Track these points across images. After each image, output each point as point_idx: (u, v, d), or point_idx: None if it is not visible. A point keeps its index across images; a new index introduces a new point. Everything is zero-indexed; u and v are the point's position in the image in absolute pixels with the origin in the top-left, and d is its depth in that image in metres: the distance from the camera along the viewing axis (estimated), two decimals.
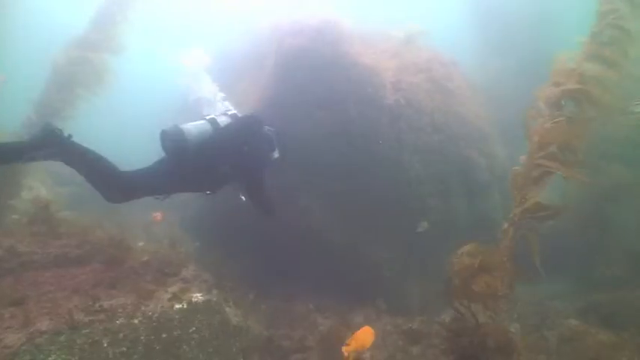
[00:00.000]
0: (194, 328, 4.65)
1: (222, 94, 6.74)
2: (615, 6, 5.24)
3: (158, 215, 9.47)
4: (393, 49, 8.89)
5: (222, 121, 5.57)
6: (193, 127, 5.25)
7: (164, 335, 4.40)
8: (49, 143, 4.49)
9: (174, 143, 5.03)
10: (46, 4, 26.21)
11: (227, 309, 5.29)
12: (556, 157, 4.62)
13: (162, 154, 5.29)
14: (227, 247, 8.27)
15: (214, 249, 8.66)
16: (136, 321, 4.31)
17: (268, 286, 7.70)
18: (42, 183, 11.29)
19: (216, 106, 6.42)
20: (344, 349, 4.79)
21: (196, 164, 5.10)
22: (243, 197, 5.86)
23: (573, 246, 8.78)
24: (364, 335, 5.06)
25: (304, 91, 7.58)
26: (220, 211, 8.14)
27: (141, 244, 8.68)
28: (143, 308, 4.47)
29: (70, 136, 4.64)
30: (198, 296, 4.91)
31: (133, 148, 13.35)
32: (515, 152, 5.31)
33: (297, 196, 7.66)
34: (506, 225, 4.79)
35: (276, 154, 6.13)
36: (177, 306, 4.66)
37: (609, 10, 5.23)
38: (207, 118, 5.48)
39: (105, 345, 3.88)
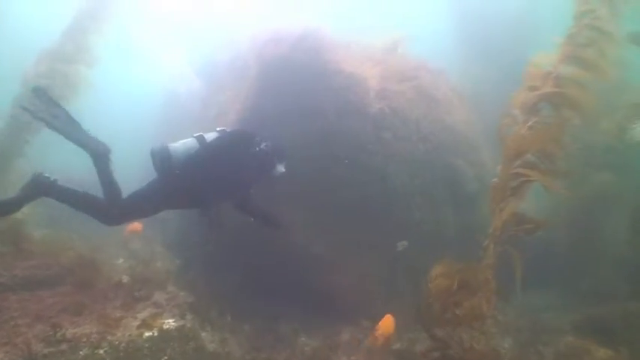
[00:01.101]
0: (166, 358, 4.32)
1: None
2: (592, 7, 5.04)
3: (136, 227, 9.07)
4: (377, 56, 8.67)
5: (210, 137, 5.39)
6: (180, 144, 5.20)
7: None
8: (41, 191, 4.59)
9: (160, 162, 5.03)
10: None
11: (203, 334, 4.97)
12: (534, 166, 4.40)
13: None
14: (209, 265, 7.96)
15: (196, 266, 8.36)
16: (101, 351, 3.99)
17: (252, 305, 7.37)
18: None
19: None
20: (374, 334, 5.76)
21: (184, 182, 5.02)
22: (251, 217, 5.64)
23: (562, 257, 8.58)
24: (388, 322, 6.04)
25: (285, 101, 7.32)
26: (203, 227, 7.79)
27: (120, 261, 8.36)
28: (109, 337, 4.15)
29: (55, 180, 4.71)
30: (170, 322, 4.60)
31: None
32: (498, 162, 5.13)
33: (279, 210, 7.34)
34: (486, 241, 4.57)
35: (280, 169, 5.77)
36: (147, 334, 4.34)
37: (586, 11, 5.02)
38: (196, 135, 5.34)
39: None
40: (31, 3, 25.70)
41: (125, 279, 6.16)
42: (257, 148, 5.56)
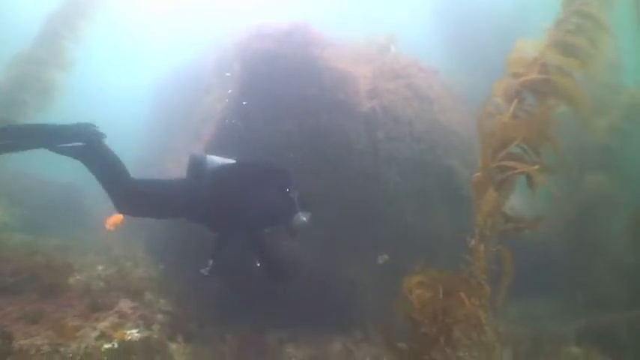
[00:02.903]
0: None
1: None
2: None
3: (114, 219, 8.43)
4: (369, 55, 8.33)
5: (250, 164, 5.49)
6: (219, 159, 5.32)
7: None
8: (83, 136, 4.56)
9: (193, 166, 5.18)
10: None
11: (173, 346, 4.54)
12: (519, 158, 4.03)
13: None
14: (194, 272, 7.56)
15: (180, 273, 7.97)
16: None
17: (238, 314, 6.96)
18: None
19: None
20: None
21: (206, 196, 5.06)
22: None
23: (560, 263, 8.19)
24: None
25: (271, 99, 6.96)
26: (188, 233, 7.41)
27: (99, 268, 7.97)
28: (62, 349, 3.72)
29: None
30: (133, 333, 4.17)
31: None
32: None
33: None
34: (473, 242, 4.18)
35: (300, 219, 5.57)
36: (106, 345, 3.92)
37: None
38: (238, 159, 5.45)
39: None
40: None
41: (95, 286, 5.76)
42: (286, 189, 5.51)
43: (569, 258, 8.64)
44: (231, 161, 5.36)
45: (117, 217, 8.12)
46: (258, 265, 5.10)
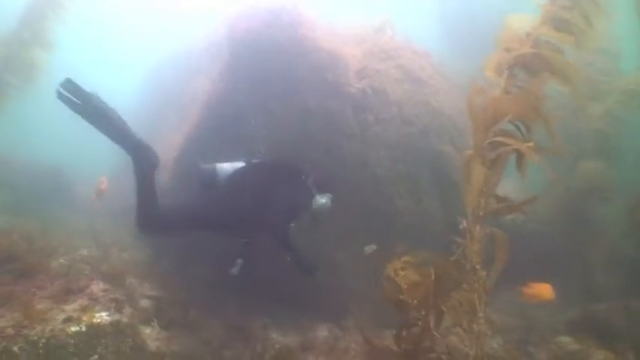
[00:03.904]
0: (96, 356, 3.76)
1: None
2: None
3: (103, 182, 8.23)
4: (360, 36, 8.10)
5: (260, 164, 5.46)
6: (229, 165, 5.31)
7: None
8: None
9: (205, 178, 5.17)
10: None
11: (146, 331, 4.39)
12: (511, 135, 3.89)
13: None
14: (180, 255, 7.43)
15: (166, 257, 7.85)
16: (15, 348, 3.43)
17: (223, 299, 6.84)
18: None
19: None
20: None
21: (225, 205, 5.08)
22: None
23: (554, 251, 8.04)
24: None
25: (257, 80, 6.75)
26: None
27: (84, 251, 7.82)
28: (26, 332, 3.57)
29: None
30: (103, 316, 4.02)
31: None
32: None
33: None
34: (464, 223, 4.03)
35: (320, 201, 5.67)
36: (74, 329, 3.76)
37: None
38: (244, 160, 5.41)
39: None
40: None
41: (75, 269, 5.61)
42: (300, 179, 5.62)
43: (563, 246, 8.49)
44: (240, 164, 5.33)
45: (102, 183, 7.97)
46: (289, 259, 5.15)
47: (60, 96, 4.02)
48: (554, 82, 4.32)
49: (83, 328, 3.79)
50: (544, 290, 5.66)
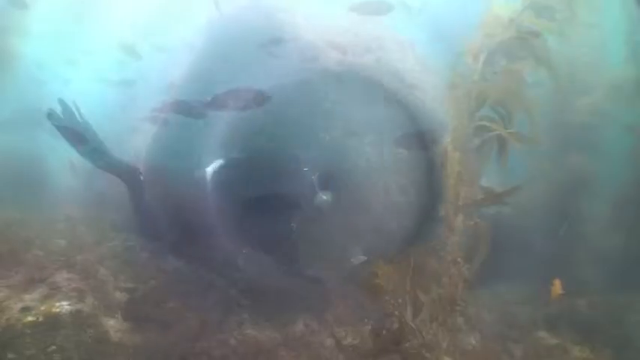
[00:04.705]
0: (54, 347, 3.65)
1: None
2: None
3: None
4: (342, 26, 7.97)
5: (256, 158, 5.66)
6: (221, 162, 5.49)
7: (10, 356, 3.41)
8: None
9: (202, 184, 5.30)
10: None
11: (111, 322, 4.29)
12: (492, 121, 3.82)
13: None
14: (162, 248, 7.34)
15: (147, 250, 7.74)
16: None
17: (202, 293, 6.74)
18: None
19: None
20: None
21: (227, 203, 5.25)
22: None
23: (536, 245, 8.00)
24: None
25: (233, 70, 6.64)
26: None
27: (62, 241, 7.69)
28: None
29: None
30: (63, 305, 3.91)
31: None
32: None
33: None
34: (444, 213, 3.96)
35: (321, 198, 5.85)
36: (30, 318, 3.66)
37: None
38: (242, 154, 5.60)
39: None
40: None
41: (46, 260, 5.51)
42: (300, 173, 5.76)
43: (547, 241, 8.46)
44: (236, 158, 5.55)
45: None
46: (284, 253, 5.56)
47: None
48: (537, 68, 4.29)
49: (40, 318, 3.69)
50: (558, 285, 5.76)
